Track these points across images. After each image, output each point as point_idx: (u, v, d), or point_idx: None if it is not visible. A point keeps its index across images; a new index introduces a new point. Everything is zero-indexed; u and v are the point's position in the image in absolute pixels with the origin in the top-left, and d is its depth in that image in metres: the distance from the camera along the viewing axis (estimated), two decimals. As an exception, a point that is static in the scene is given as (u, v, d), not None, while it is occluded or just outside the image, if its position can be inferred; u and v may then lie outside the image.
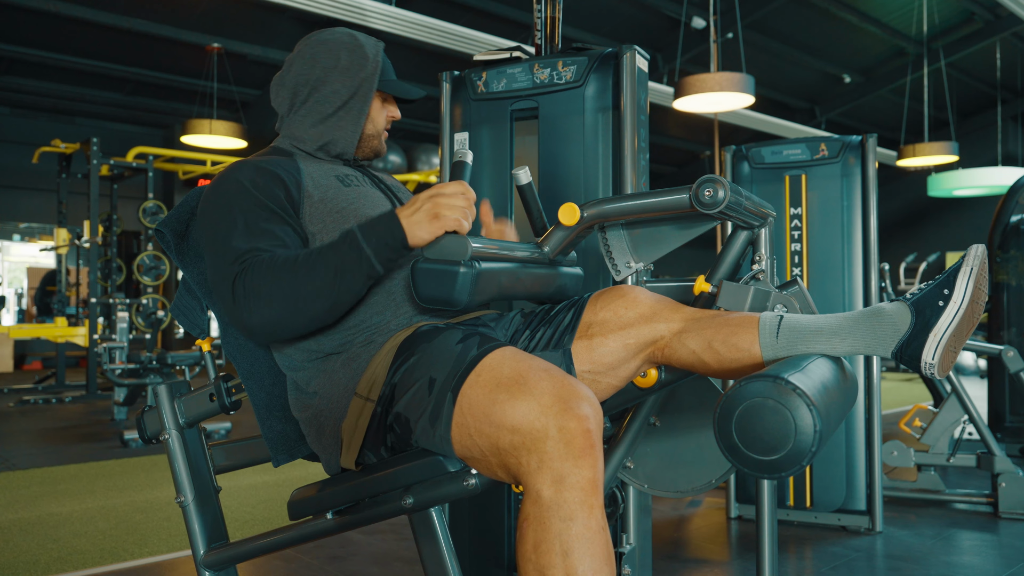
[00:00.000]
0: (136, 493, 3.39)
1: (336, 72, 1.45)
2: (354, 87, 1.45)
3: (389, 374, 1.22)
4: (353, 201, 1.39)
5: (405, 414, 1.18)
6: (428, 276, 1.19)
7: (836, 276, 2.90)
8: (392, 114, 1.54)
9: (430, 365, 1.17)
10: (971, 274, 1.22)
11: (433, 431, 1.14)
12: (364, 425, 1.22)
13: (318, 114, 1.46)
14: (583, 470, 1.03)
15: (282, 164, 1.38)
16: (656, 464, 1.73)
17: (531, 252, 1.39)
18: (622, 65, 1.94)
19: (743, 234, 1.53)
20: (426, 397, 1.15)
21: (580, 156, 1.97)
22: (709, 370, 1.30)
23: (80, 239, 7.06)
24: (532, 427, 1.04)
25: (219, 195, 1.33)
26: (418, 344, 1.22)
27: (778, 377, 0.95)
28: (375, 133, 1.51)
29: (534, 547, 1.02)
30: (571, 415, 1.04)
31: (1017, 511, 2.99)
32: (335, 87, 1.45)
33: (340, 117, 1.46)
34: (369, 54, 1.47)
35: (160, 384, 1.65)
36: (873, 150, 2.88)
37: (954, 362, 1.23)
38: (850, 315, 1.25)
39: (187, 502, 1.60)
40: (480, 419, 1.09)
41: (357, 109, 1.46)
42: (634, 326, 1.35)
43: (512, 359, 1.13)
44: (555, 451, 1.03)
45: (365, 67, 1.46)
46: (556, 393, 1.06)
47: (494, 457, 1.09)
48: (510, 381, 1.09)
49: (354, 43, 1.47)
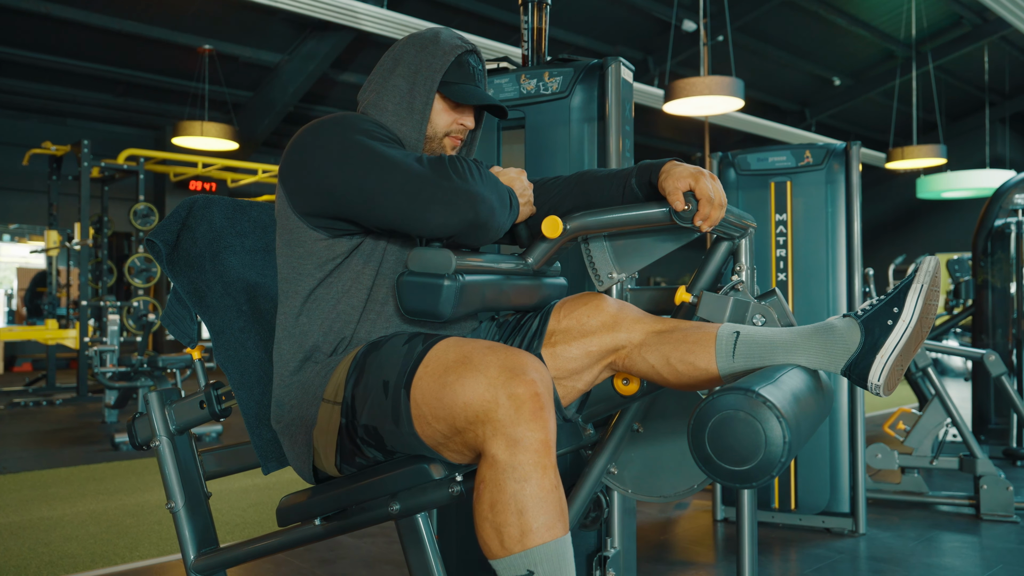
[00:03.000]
0: (127, 497, 3.41)
1: (402, 67, 1.41)
2: (411, 82, 1.40)
3: (348, 386, 1.24)
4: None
5: (372, 423, 1.21)
6: (413, 289, 1.22)
7: (820, 281, 2.94)
8: (462, 121, 1.43)
9: (381, 370, 1.21)
10: (921, 291, 1.25)
11: (399, 430, 1.18)
12: (335, 429, 1.25)
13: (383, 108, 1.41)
14: (535, 432, 1.07)
15: None
16: (640, 469, 1.76)
17: (515, 264, 1.41)
18: (607, 76, 1.97)
19: (724, 245, 1.56)
20: (384, 400, 1.19)
21: (566, 166, 2.00)
22: (668, 383, 1.34)
23: (71, 241, 7.06)
24: (483, 399, 1.09)
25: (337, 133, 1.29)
26: (368, 356, 1.25)
27: (749, 390, 0.98)
28: (434, 136, 1.42)
29: (490, 506, 1.07)
30: (518, 381, 1.08)
31: (998, 513, 3.03)
32: (396, 81, 1.41)
33: (402, 118, 1.40)
34: (441, 52, 1.40)
35: (150, 387, 1.67)
36: (857, 157, 2.92)
37: (900, 379, 1.26)
38: (804, 330, 1.28)
39: (177, 508, 1.62)
40: (434, 405, 1.13)
41: (420, 107, 1.39)
42: (596, 334, 1.39)
43: (456, 345, 1.17)
44: (507, 417, 1.07)
45: (430, 64, 1.39)
46: (501, 364, 1.10)
47: (456, 438, 1.13)
48: (456, 363, 1.13)
49: (432, 42, 1.41)
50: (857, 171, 2.92)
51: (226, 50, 8.66)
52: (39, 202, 9.66)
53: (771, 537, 2.82)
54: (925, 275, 1.25)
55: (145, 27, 8.03)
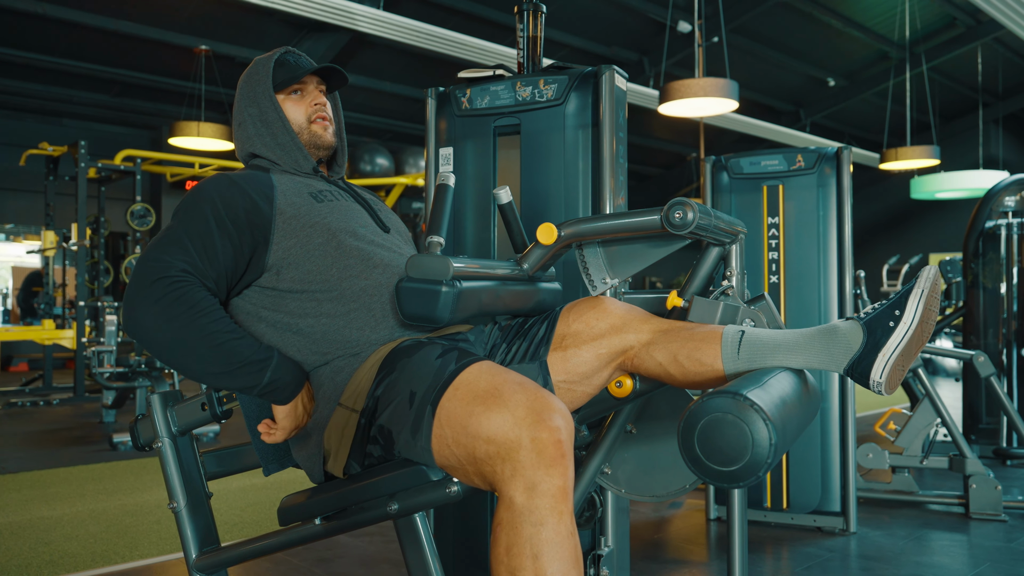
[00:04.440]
0: (126, 496, 3.44)
1: (244, 99, 1.57)
2: (254, 100, 1.55)
3: (372, 387, 1.28)
4: (326, 216, 1.46)
5: (388, 426, 1.24)
6: (412, 294, 1.26)
7: (812, 284, 2.98)
8: (315, 102, 1.59)
9: (411, 379, 1.24)
10: (922, 296, 1.29)
11: (415, 442, 1.21)
12: (350, 435, 1.28)
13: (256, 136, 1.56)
14: (554, 478, 1.09)
15: (258, 180, 1.46)
16: (633, 469, 1.80)
17: (511, 269, 1.45)
18: (601, 83, 2.01)
19: (714, 250, 1.60)
20: (407, 410, 1.22)
21: (561, 172, 2.04)
22: (675, 381, 1.38)
23: (68, 242, 7.07)
24: (506, 437, 1.11)
25: (192, 198, 1.41)
26: (399, 359, 1.28)
27: (737, 393, 1.02)
28: (301, 129, 1.57)
29: (506, 550, 1.09)
30: (543, 426, 1.10)
31: (987, 512, 3.08)
32: (248, 111, 1.56)
33: (272, 133, 1.54)
34: (260, 66, 1.57)
35: (148, 387, 1.70)
36: (848, 161, 2.96)
37: (901, 379, 1.30)
38: (807, 331, 1.33)
39: (180, 508, 1.65)
40: (458, 430, 1.16)
41: (273, 117, 1.54)
42: (605, 336, 1.43)
43: (488, 373, 1.20)
44: (528, 460, 1.10)
45: (258, 79, 1.55)
46: (529, 406, 1.13)
47: (471, 466, 1.15)
48: (486, 394, 1.16)
49: (252, 66, 1.59)
50: (848, 175, 2.96)
51: (222, 50, 8.68)
52: (35, 202, 9.68)
53: (763, 536, 2.86)
54: (926, 281, 1.30)
55: (141, 27, 8.04)
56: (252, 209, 1.40)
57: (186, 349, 1.27)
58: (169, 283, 1.27)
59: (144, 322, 1.27)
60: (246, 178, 1.45)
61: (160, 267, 1.29)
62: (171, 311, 1.26)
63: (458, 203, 2.17)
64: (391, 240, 1.54)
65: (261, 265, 1.40)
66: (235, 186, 1.42)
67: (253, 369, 1.30)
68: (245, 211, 1.39)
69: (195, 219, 1.36)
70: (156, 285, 1.27)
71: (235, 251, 1.38)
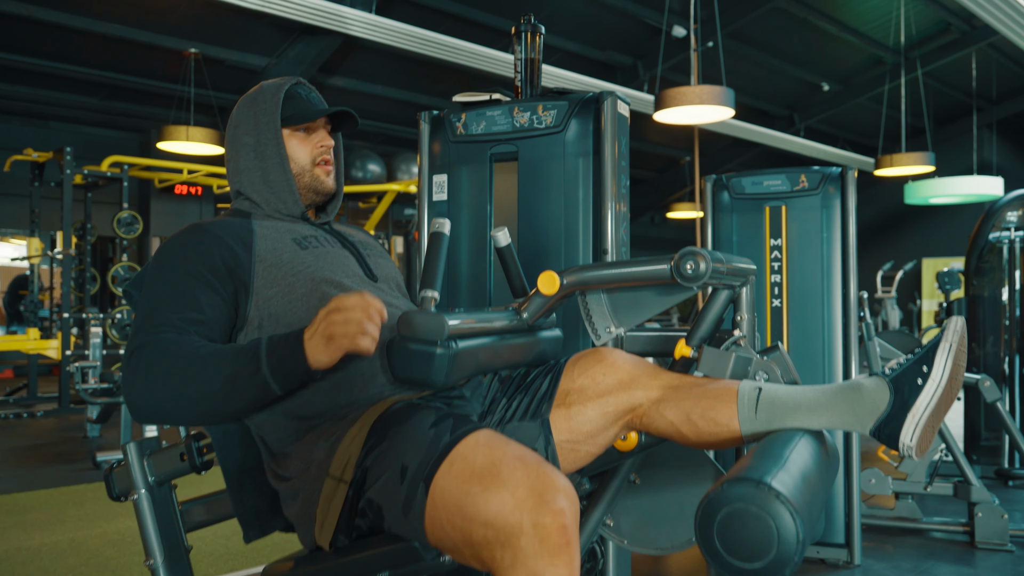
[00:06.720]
0: (107, 523, 3.33)
1: (242, 126, 1.44)
2: (255, 129, 1.42)
3: (361, 455, 1.19)
4: (310, 264, 1.36)
5: (377, 500, 1.15)
6: (404, 356, 1.16)
7: (816, 307, 2.89)
8: (321, 144, 1.47)
9: (402, 451, 1.14)
10: (950, 351, 1.21)
11: (406, 520, 1.12)
12: (337, 508, 1.19)
13: (245, 171, 1.43)
14: (558, 568, 1.00)
15: (234, 226, 1.36)
16: (636, 520, 1.71)
17: (510, 320, 1.36)
18: (603, 110, 1.92)
19: (724, 293, 1.51)
20: (398, 485, 1.12)
21: (561, 202, 1.95)
22: (687, 441, 1.29)
23: (53, 250, 6.95)
24: (506, 522, 1.02)
25: (160, 256, 1.31)
26: (390, 426, 1.19)
27: (761, 481, 0.93)
28: (302, 171, 1.45)
29: None
30: (546, 510, 1.01)
31: (993, 541, 3.00)
32: (244, 140, 1.43)
33: (264, 169, 1.42)
34: (269, 95, 1.43)
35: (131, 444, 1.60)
36: (853, 182, 2.88)
37: (932, 441, 1.22)
38: (829, 389, 1.24)
39: (156, 564, 1.55)
40: (453, 512, 1.07)
41: (272, 152, 1.42)
42: (612, 393, 1.34)
43: (486, 446, 1.10)
44: (530, 548, 1.00)
45: (265, 109, 1.42)
46: (531, 486, 1.03)
47: (468, 549, 1.06)
48: (483, 472, 1.06)
49: (257, 92, 1.46)
50: (853, 196, 2.88)
51: (212, 53, 8.55)
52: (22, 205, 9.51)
53: (765, 568, 2.77)
54: (953, 335, 1.22)
55: (130, 30, 7.91)
56: (229, 256, 1.31)
57: (185, 392, 1.16)
58: (141, 351, 1.18)
59: (135, 399, 1.17)
60: (220, 225, 1.35)
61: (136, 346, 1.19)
62: (151, 371, 1.17)
63: (453, 234, 2.08)
64: (380, 289, 1.45)
65: (243, 317, 1.31)
66: (207, 234, 1.32)
67: (248, 371, 1.15)
68: (222, 259, 1.30)
69: (167, 281, 1.26)
70: (133, 361, 1.18)
71: (224, 302, 1.29)
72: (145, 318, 1.23)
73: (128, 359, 1.19)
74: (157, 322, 1.21)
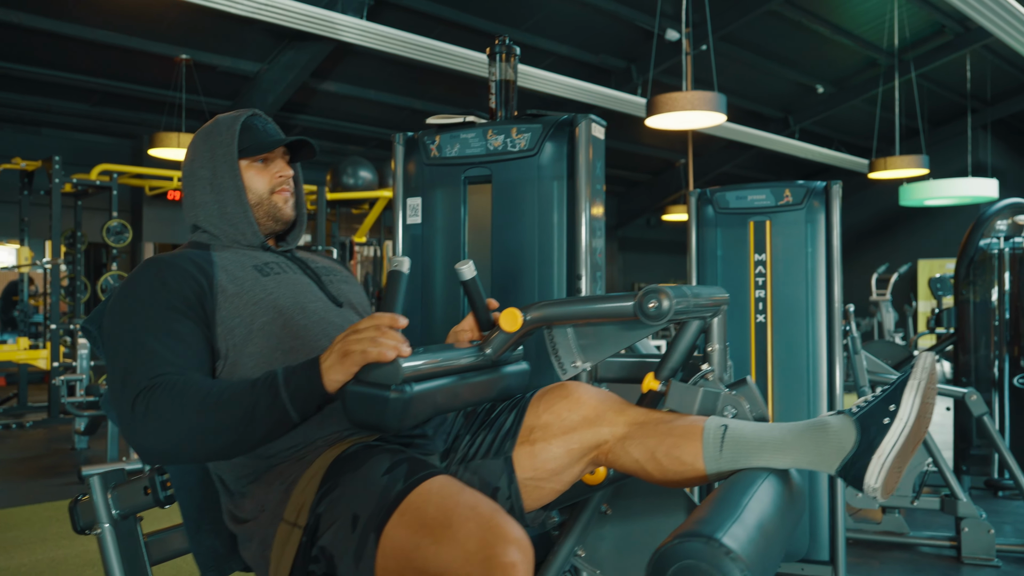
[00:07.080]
0: (88, 542, 3.30)
1: (197, 160, 1.43)
2: (210, 162, 1.41)
3: (315, 501, 1.17)
4: (272, 291, 1.35)
5: (330, 549, 1.13)
6: (358, 400, 1.14)
7: (800, 323, 2.87)
8: (280, 173, 1.46)
9: (354, 499, 1.12)
10: (918, 388, 1.19)
11: (357, 570, 1.09)
12: (291, 553, 1.17)
13: (201, 206, 1.42)
14: None
15: (194, 258, 1.34)
16: (609, 550, 1.69)
17: (473, 357, 1.34)
18: (577, 133, 1.90)
19: (695, 324, 1.48)
20: (350, 534, 1.10)
21: (535, 225, 1.93)
22: (653, 479, 1.27)
23: (42, 260, 6.92)
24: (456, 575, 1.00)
25: (128, 295, 1.28)
26: (344, 472, 1.17)
27: (711, 538, 0.91)
28: (260, 201, 1.44)
29: None
30: (495, 563, 0.99)
31: (980, 556, 2.99)
32: (200, 174, 1.42)
33: (221, 203, 1.41)
34: (223, 128, 1.42)
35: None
36: (838, 196, 2.86)
37: (898, 482, 1.20)
38: (795, 427, 1.22)
39: (121, 602, 1.54)
40: (403, 563, 1.05)
41: (229, 184, 1.40)
42: (577, 430, 1.32)
43: (439, 495, 1.08)
44: None
45: (220, 141, 1.41)
46: (482, 538, 1.01)
47: None
48: (434, 523, 1.04)
49: (212, 125, 1.45)
50: (838, 210, 2.86)
51: (203, 59, 8.52)
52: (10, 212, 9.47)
53: (750, 587, 2.75)
54: (922, 371, 1.19)
55: (121, 37, 7.88)
56: (196, 286, 1.29)
57: (202, 431, 1.14)
58: (149, 395, 1.16)
59: (149, 443, 1.15)
60: (180, 257, 1.33)
61: (138, 390, 1.17)
62: (164, 413, 1.14)
63: (427, 256, 2.06)
64: (344, 316, 1.43)
65: (216, 350, 1.29)
66: (172, 267, 1.30)
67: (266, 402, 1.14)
68: (192, 290, 1.28)
69: (145, 317, 1.24)
70: (139, 405, 1.16)
71: (202, 332, 1.28)
72: (134, 358, 1.20)
73: (132, 403, 1.16)
74: (150, 362, 1.19)
